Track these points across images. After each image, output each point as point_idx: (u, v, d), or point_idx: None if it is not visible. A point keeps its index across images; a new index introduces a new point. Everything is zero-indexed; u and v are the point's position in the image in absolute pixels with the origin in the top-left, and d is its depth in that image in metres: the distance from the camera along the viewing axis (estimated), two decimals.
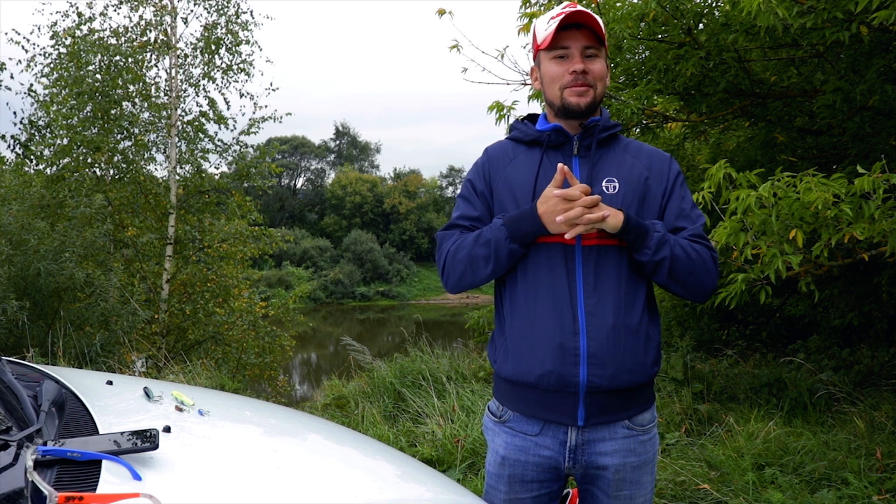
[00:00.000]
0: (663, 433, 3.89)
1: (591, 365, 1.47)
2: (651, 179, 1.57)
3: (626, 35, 3.94)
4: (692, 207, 1.62)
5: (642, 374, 1.53)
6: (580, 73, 1.52)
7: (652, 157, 1.61)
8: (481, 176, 1.64)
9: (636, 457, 1.56)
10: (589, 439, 1.53)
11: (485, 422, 1.70)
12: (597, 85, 1.55)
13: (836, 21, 2.93)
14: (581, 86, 1.53)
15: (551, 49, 1.55)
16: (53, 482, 1.03)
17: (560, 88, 1.55)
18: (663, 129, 4.90)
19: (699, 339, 6.63)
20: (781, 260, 2.51)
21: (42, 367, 1.85)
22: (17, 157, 9.29)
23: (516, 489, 1.59)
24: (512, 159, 1.62)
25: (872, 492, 2.90)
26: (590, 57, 1.54)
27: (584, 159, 1.57)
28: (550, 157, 1.58)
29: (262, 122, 10.64)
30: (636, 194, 1.55)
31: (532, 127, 1.64)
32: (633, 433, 1.56)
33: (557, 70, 1.55)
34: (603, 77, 1.56)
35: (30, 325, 6.14)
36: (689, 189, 1.64)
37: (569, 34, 1.53)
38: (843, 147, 4.24)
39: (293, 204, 52.05)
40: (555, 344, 1.48)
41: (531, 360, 1.51)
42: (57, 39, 9.65)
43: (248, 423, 1.67)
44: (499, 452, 1.61)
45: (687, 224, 1.58)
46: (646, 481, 1.59)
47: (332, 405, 5.23)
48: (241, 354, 9.60)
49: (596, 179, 1.55)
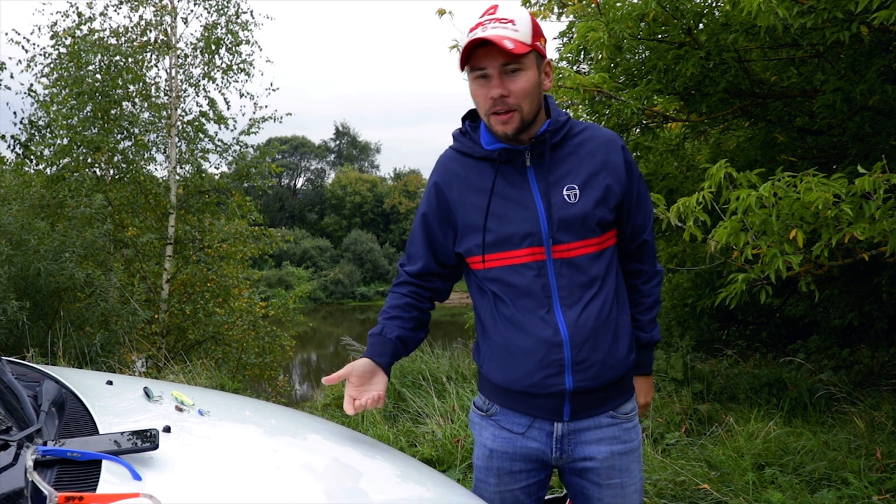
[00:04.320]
0: (663, 433, 3.89)
1: (577, 372, 1.51)
2: (609, 176, 1.54)
3: (626, 35, 3.93)
4: (644, 201, 1.64)
5: (622, 367, 1.57)
6: (498, 98, 1.43)
7: (608, 149, 1.55)
8: (430, 202, 1.61)
9: (622, 444, 1.59)
10: (575, 429, 1.57)
11: (471, 416, 1.72)
12: (522, 105, 1.45)
13: (836, 21, 2.93)
14: (504, 113, 1.44)
15: (470, 70, 1.46)
16: (53, 482, 1.03)
17: (485, 114, 1.48)
18: (663, 129, 4.90)
19: (699, 339, 6.63)
20: (781, 260, 2.51)
21: (42, 367, 1.85)
22: (17, 157, 9.30)
23: (506, 481, 1.62)
24: (464, 179, 1.57)
25: (872, 492, 2.90)
26: (512, 73, 1.43)
27: (539, 169, 1.52)
28: (504, 173, 1.54)
29: (262, 122, 10.64)
30: (598, 196, 1.52)
31: (478, 141, 1.57)
32: (616, 421, 1.59)
33: (479, 92, 1.47)
34: (529, 92, 1.45)
35: (30, 325, 6.14)
36: (637, 167, 1.63)
37: (484, 51, 1.42)
38: (844, 147, 4.24)
39: (293, 204, 52.03)
40: (539, 357, 1.50)
41: (517, 371, 1.54)
42: (57, 39, 9.65)
43: (248, 423, 1.67)
44: (486, 445, 1.63)
45: (647, 236, 1.65)
46: (634, 469, 1.62)
47: (332, 405, 5.23)
48: (241, 354, 9.60)
49: (554, 189, 1.51)
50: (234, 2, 10.58)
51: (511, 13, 1.45)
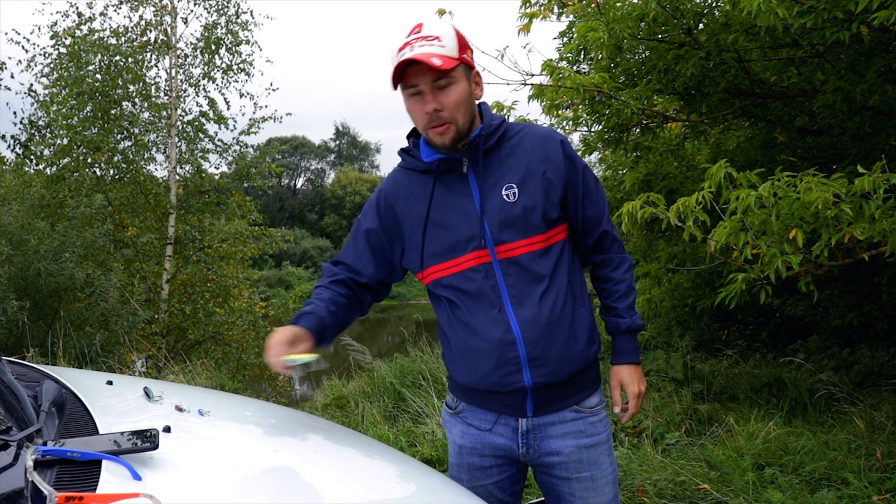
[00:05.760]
0: (663, 433, 3.89)
1: (534, 368, 1.54)
2: (548, 170, 1.56)
3: (626, 35, 3.93)
4: (594, 193, 1.63)
5: (581, 360, 1.59)
6: (432, 112, 1.48)
7: (544, 144, 1.58)
8: (376, 215, 1.64)
9: (588, 438, 1.62)
10: (539, 424, 1.60)
11: (443, 416, 1.78)
12: (456, 117, 1.50)
13: (836, 21, 2.93)
14: (439, 126, 1.50)
15: (403, 88, 1.52)
16: (53, 482, 1.03)
17: (423, 129, 1.54)
18: (663, 129, 4.90)
19: (699, 339, 6.62)
20: (781, 260, 2.51)
21: (42, 367, 1.85)
22: (17, 157, 9.30)
23: (477, 476, 1.66)
24: (410, 192, 1.62)
25: (872, 492, 2.90)
26: (443, 88, 1.48)
27: (477, 174, 1.56)
28: (445, 182, 1.58)
29: (262, 122, 10.64)
30: (539, 192, 1.54)
31: (419, 155, 1.61)
32: (581, 415, 1.62)
33: (415, 108, 1.52)
34: (461, 103, 1.50)
35: (30, 325, 6.14)
36: (581, 159, 1.64)
37: (414, 70, 1.47)
38: (843, 147, 4.24)
39: (293, 204, 52.01)
40: (495, 357, 1.54)
41: (478, 372, 1.57)
42: (57, 39, 9.65)
43: (248, 423, 1.67)
44: (456, 442, 1.69)
45: (605, 227, 1.65)
46: (604, 462, 1.63)
47: (332, 405, 5.23)
48: (241, 354, 9.60)
49: (494, 190, 1.55)
50: (234, 2, 10.59)
51: (436, 30, 1.50)
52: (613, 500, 1.66)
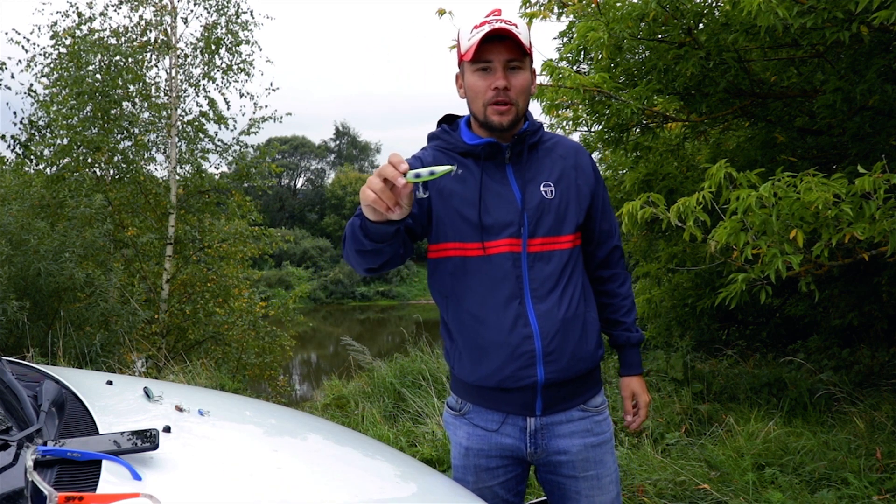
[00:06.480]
0: (663, 433, 3.89)
1: (548, 363, 1.55)
2: (579, 178, 1.64)
3: (626, 35, 3.93)
4: (609, 208, 1.72)
5: (591, 360, 1.62)
6: (502, 89, 1.51)
7: (577, 154, 1.66)
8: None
9: (594, 436, 1.64)
10: (547, 423, 1.61)
11: (445, 418, 1.77)
12: (519, 101, 1.54)
13: (836, 21, 2.93)
14: (503, 104, 1.52)
15: (474, 62, 1.53)
16: (53, 482, 1.03)
17: (483, 105, 1.54)
18: (663, 129, 4.89)
19: (699, 339, 6.62)
20: (781, 260, 2.51)
21: (42, 367, 1.85)
22: (17, 157, 9.29)
23: (483, 478, 1.65)
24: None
25: (872, 492, 2.90)
26: (513, 70, 1.52)
27: (517, 167, 1.60)
28: (485, 168, 1.59)
29: (262, 122, 10.64)
30: (571, 195, 1.61)
31: (459, 138, 1.62)
32: (587, 414, 1.65)
33: (480, 84, 1.54)
34: (525, 90, 1.55)
35: (30, 325, 6.14)
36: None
37: (492, 47, 1.50)
38: (844, 147, 4.24)
39: (293, 204, 52.02)
40: (510, 348, 1.54)
41: (489, 366, 1.56)
42: (57, 39, 9.65)
43: (248, 423, 1.67)
44: (462, 444, 1.67)
45: (616, 242, 1.74)
46: (608, 461, 1.67)
47: (332, 405, 5.23)
48: (241, 354, 9.60)
49: (532, 185, 1.58)
50: (234, 2, 10.60)
51: (513, 18, 1.53)
52: (616, 498, 1.68)
